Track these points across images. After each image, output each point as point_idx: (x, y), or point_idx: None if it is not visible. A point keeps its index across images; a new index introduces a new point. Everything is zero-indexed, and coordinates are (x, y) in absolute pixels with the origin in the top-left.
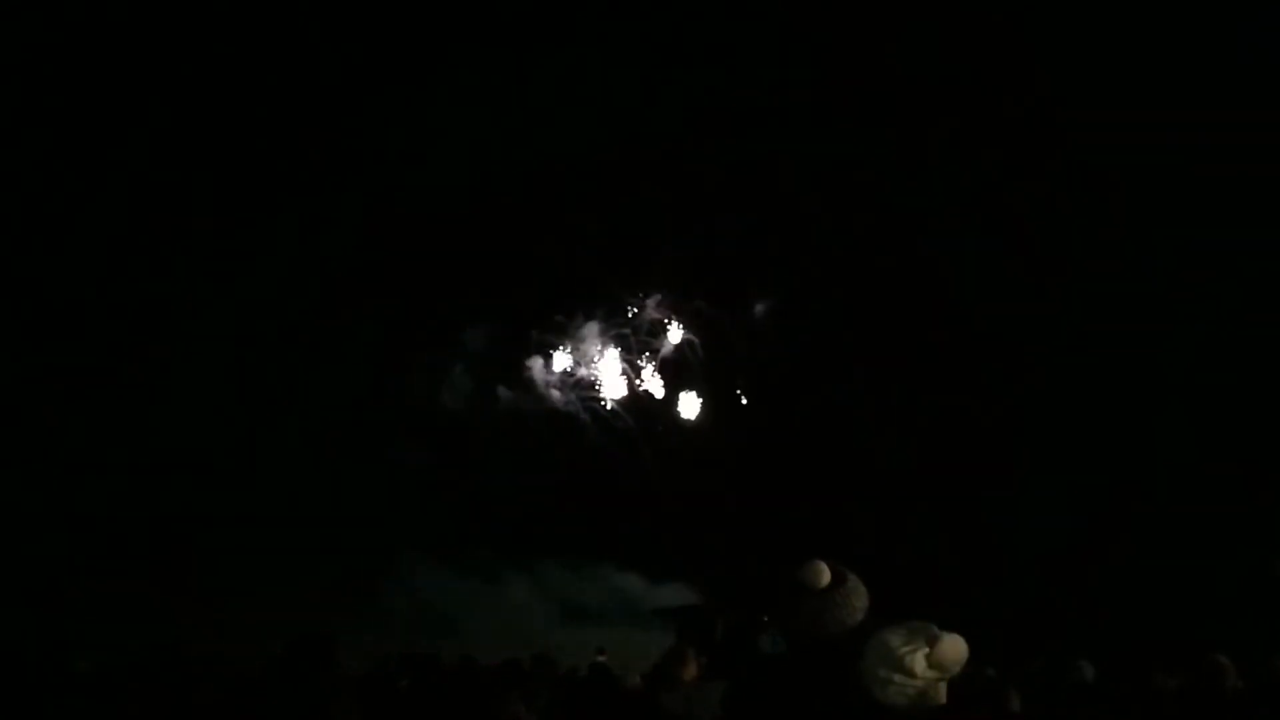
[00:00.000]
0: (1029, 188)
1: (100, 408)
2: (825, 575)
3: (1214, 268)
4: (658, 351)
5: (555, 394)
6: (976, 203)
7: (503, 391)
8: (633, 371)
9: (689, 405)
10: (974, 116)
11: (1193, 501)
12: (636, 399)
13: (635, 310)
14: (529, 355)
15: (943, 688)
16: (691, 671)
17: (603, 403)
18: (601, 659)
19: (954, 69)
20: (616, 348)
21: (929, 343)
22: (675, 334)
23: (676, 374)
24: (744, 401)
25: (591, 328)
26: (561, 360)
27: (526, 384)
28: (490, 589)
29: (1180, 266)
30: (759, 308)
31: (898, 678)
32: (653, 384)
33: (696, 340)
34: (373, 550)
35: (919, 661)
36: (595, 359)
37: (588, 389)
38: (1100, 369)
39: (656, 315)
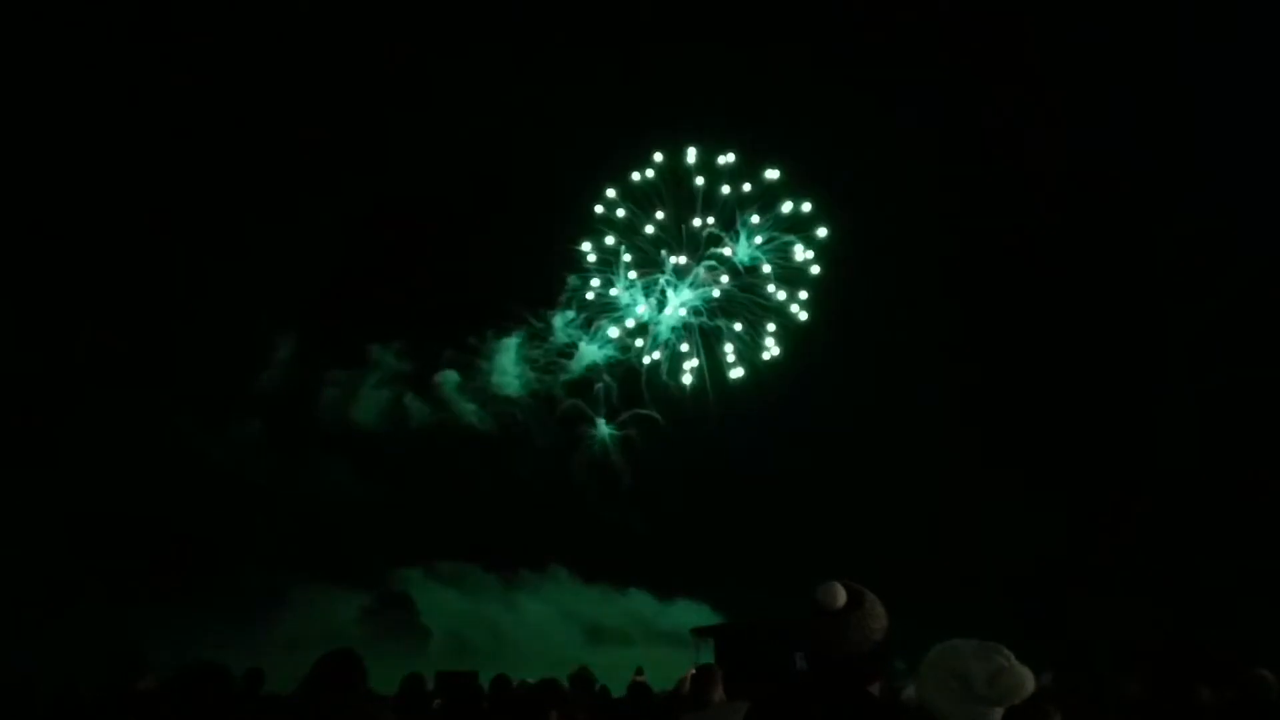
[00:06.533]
0: (1029, 189)
1: (107, 420)
2: (841, 596)
3: (1213, 267)
4: (566, 370)
5: (475, 409)
6: (970, 201)
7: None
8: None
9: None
10: (964, 118)
11: (1193, 503)
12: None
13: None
14: (440, 371)
15: (998, 713)
16: (720, 692)
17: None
18: (640, 678)
19: (942, 74)
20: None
21: (920, 344)
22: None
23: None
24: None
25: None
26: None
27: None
28: (507, 611)
29: (1179, 266)
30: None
31: (957, 686)
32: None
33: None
34: (383, 573)
35: (982, 678)
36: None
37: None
38: (1098, 370)
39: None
